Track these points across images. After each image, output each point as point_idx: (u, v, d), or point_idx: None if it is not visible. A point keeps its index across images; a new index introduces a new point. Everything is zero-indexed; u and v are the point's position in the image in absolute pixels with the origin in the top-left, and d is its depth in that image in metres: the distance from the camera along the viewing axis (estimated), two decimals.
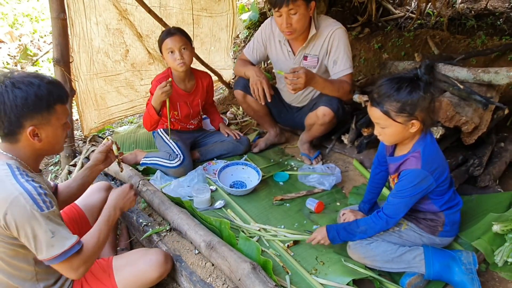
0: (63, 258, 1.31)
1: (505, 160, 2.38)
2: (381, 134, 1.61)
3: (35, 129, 1.33)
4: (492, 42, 3.34)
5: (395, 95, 1.48)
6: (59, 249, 1.29)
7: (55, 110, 1.36)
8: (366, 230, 1.68)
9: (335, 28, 2.37)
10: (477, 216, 2.00)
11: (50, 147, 1.43)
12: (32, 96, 1.29)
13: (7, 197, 1.24)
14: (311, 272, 1.76)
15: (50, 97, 1.33)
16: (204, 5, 3.35)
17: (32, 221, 1.25)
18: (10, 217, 1.24)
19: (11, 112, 1.28)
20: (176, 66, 2.41)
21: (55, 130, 1.39)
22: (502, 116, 2.44)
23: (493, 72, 2.28)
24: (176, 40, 2.37)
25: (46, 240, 1.27)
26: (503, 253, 1.76)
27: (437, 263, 1.63)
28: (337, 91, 2.35)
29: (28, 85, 1.30)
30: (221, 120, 2.89)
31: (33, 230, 1.25)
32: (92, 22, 2.69)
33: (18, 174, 1.30)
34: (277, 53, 2.56)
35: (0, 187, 1.26)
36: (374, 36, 3.99)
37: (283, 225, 2.09)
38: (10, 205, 1.23)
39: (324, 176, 2.43)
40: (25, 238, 1.27)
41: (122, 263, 1.57)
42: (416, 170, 1.55)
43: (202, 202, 2.21)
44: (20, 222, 1.24)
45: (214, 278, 1.71)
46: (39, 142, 1.37)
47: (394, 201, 1.62)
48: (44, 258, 1.30)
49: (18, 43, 5.11)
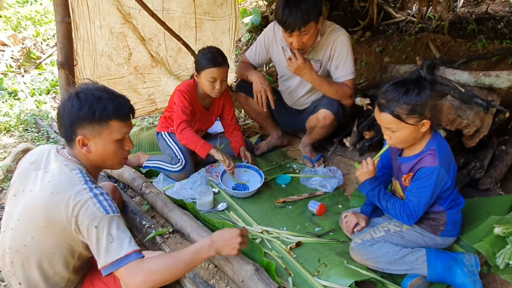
0: (117, 267, 1.27)
1: (506, 163, 2.39)
2: (392, 138, 1.61)
3: (84, 139, 1.38)
4: (492, 46, 3.35)
5: (404, 98, 1.50)
6: (114, 255, 1.27)
7: (108, 124, 1.38)
8: (388, 208, 1.69)
9: (338, 34, 2.39)
10: (479, 218, 2.01)
11: (101, 160, 1.45)
12: (86, 107, 1.35)
13: (80, 199, 1.28)
14: (313, 274, 1.76)
15: (105, 112, 1.36)
16: (206, 8, 3.37)
17: (97, 223, 1.27)
18: (81, 219, 1.28)
19: (67, 119, 1.36)
20: (211, 93, 2.43)
21: (106, 144, 1.41)
22: (503, 119, 2.45)
23: (494, 75, 2.29)
24: (222, 72, 2.36)
25: (105, 244, 1.28)
26: (504, 256, 1.76)
27: (440, 265, 1.64)
28: (335, 92, 2.36)
29: (88, 96, 1.36)
30: (242, 144, 2.69)
31: (97, 233, 1.27)
32: (96, 25, 2.71)
33: (88, 180, 1.36)
34: (280, 57, 2.58)
35: (73, 191, 1.30)
36: (375, 40, 4.01)
37: (286, 227, 2.10)
38: (82, 207, 1.28)
39: (326, 179, 2.44)
40: (91, 241, 1.29)
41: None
42: (435, 167, 1.55)
43: (205, 204, 2.22)
44: (89, 224, 1.27)
45: (217, 280, 1.72)
46: (89, 153, 1.41)
47: (415, 201, 1.61)
48: (102, 265, 1.28)
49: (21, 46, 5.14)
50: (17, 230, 1.35)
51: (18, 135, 3.30)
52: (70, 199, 1.28)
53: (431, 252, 1.68)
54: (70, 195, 1.29)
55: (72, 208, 1.28)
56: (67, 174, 1.34)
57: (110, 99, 1.38)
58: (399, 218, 1.67)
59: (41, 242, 1.33)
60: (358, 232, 1.91)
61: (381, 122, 1.60)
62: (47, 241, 1.33)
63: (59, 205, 1.29)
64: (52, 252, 1.35)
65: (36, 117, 3.47)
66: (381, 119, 1.59)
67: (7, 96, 3.98)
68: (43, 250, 1.35)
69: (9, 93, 4.04)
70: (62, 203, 1.28)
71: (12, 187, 1.44)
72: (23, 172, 1.43)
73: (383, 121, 1.58)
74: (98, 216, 1.27)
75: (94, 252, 1.31)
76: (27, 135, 3.29)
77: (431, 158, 1.57)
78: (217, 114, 2.71)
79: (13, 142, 3.18)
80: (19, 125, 3.41)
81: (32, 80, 4.40)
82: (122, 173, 2.41)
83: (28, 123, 3.44)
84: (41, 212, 1.30)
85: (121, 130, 1.42)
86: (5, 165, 2.71)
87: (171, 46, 3.29)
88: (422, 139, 1.62)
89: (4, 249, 1.38)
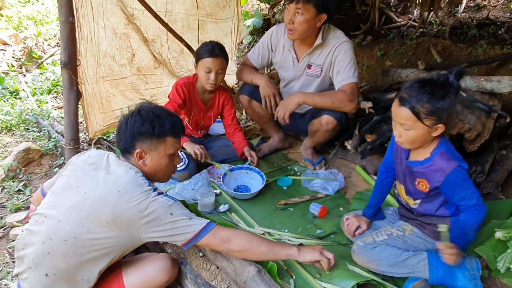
0: (206, 232, 1.49)
1: (507, 168, 2.40)
2: (402, 136, 1.57)
3: (142, 152, 1.54)
4: (493, 51, 3.37)
5: (428, 98, 1.47)
6: (199, 225, 1.49)
7: (165, 140, 1.56)
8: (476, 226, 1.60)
9: (341, 41, 2.38)
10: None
11: (153, 173, 1.59)
12: (147, 123, 1.52)
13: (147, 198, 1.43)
14: (315, 276, 1.76)
15: (162, 128, 1.54)
16: (209, 11, 3.39)
17: (171, 209, 1.45)
18: (151, 216, 1.42)
19: (128, 133, 1.54)
20: (206, 84, 2.44)
21: (160, 158, 1.57)
22: (504, 124, 2.47)
23: (496, 80, 2.31)
24: (217, 63, 2.37)
25: (184, 222, 1.47)
26: (505, 260, 1.77)
27: (441, 269, 1.65)
28: (331, 102, 2.31)
29: (148, 114, 1.54)
30: (246, 144, 2.68)
31: (174, 217, 1.45)
32: (100, 26, 2.72)
33: (149, 183, 1.51)
34: (282, 59, 2.59)
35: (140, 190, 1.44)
36: (376, 44, 4.03)
37: (287, 229, 2.11)
38: (150, 203, 1.42)
39: (328, 182, 2.45)
40: (165, 231, 1.46)
41: (131, 267, 1.59)
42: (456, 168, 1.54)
43: (206, 205, 2.23)
44: (162, 215, 1.44)
45: (219, 281, 1.72)
46: (144, 166, 1.56)
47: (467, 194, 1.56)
48: (188, 238, 1.48)
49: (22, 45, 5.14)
50: (67, 223, 1.41)
51: (19, 134, 3.30)
52: (139, 197, 1.42)
53: (433, 255, 1.68)
54: (139, 193, 1.43)
55: (141, 205, 1.41)
56: (133, 176, 1.48)
57: (167, 118, 1.56)
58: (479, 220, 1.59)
59: (95, 236, 1.41)
60: (360, 235, 1.92)
61: (398, 116, 1.55)
62: (103, 235, 1.41)
63: (128, 203, 1.41)
64: (97, 248, 1.42)
65: (37, 117, 3.46)
66: (398, 113, 1.55)
67: (8, 95, 3.98)
68: (92, 244, 1.41)
69: (11, 92, 4.03)
70: (131, 201, 1.41)
71: (61, 181, 1.52)
72: (80, 170, 1.53)
73: (400, 115, 1.54)
74: (170, 205, 1.45)
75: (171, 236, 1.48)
76: (28, 134, 3.28)
77: (446, 162, 1.55)
78: (216, 112, 2.70)
79: (14, 142, 3.17)
80: (20, 124, 3.41)
81: (34, 80, 4.40)
82: None
83: (29, 122, 3.44)
84: (107, 209, 1.40)
85: (174, 146, 1.60)
86: (6, 164, 2.71)
87: (173, 48, 3.29)
88: (430, 144, 1.60)
89: (42, 238, 1.41)
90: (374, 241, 1.73)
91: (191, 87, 2.53)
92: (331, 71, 2.43)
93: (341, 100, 2.30)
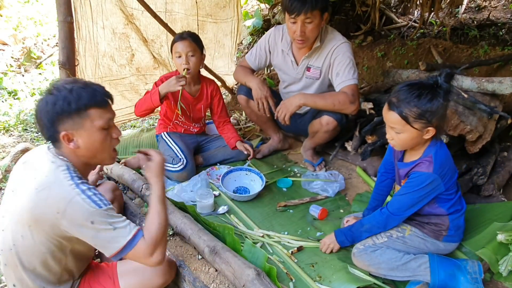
0: (129, 248, 1.31)
1: (509, 170, 2.38)
2: (394, 139, 1.60)
3: (68, 134, 1.33)
4: (494, 52, 3.36)
5: (415, 102, 1.48)
6: (123, 240, 1.30)
7: (87, 114, 1.33)
8: (371, 228, 1.72)
9: (339, 42, 2.35)
10: (481, 225, 2.00)
11: (92, 154, 1.39)
12: (60, 101, 1.30)
13: (66, 197, 1.25)
14: (315, 279, 1.75)
15: (80, 101, 1.31)
16: (209, 11, 3.37)
17: (92, 217, 1.26)
18: (70, 218, 1.25)
19: (45, 117, 1.31)
20: (182, 71, 2.42)
21: (91, 134, 1.35)
22: (506, 126, 2.45)
23: (497, 81, 2.29)
24: (185, 45, 2.37)
25: (108, 235, 1.29)
26: (507, 263, 1.75)
27: (443, 272, 1.63)
28: (332, 104, 2.28)
29: (60, 91, 1.31)
30: (238, 138, 2.71)
31: (95, 227, 1.27)
32: (99, 26, 2.70)
33: (75, 176, 1.31)
34: (280, 62, 2.57)
35: (58, 188, 1.27)
36: (377, 45, 4.02)
37: (287, 231, 2.08)
38: (69, 204, 1.25)
39: (328, 183, 2.43)
40: (87, 237, 1.29)
41: (127, 269, 1.56)
42: (427, 173, 1.57)
43: (205, 207, 2.20)
44: (81, 221, 1.26)
45: (217, 284, 1.70)
46: (77, 148, 1.35)
47: (399, 198, 1.65)
48: (112, 253, 1.31)
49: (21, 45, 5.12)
50: (7, 231, 1.33)
51: (18, 135, 3.28)
52: (57, 197, 1.26)
53: (434, 258, 1.67)
54: (56, 192, 1.27)
55: (59, 205, 1.25)
56: (53, 170, 1.31)
57: (83, 88, 1.33)
58: (382, 224, 1.70)
59: (30, 241, 1.31)
60: None
61: (388, 120, 1.58)
62: (37, 239, 1.31)
63: (45, 202, 1.26)
64: (42, 251, 1.33)
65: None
66: (388, 118, 1.57)
67: (6, 95, 3.96)
68: (33, 248, 1.33)
69: (9, 92, 4.02)
70: (48, 200, 1.26)
71: (6, 189, 1.43)
72: (15, 172, 1.42)
73: (389, 119, 1.56)
74: (92, 212, 1.26)
75: (95, 245, 1.31)
76: (27, 135, 3.27)
77: (426, 165, 1.58)
78: (205, 103, 2.68)
79: (12, 142, 3.16)
80: (18, 124, 3.39)
81: (32, 80, 4.39)
82: (122, 174, 2.39)
83: (27, 123, 3.42)
84: (27, 210, 1.28)
85: (102, 117, 1.36)
86: (3, 165, 2.69)
87: None
88: (423, 146, 1.62)
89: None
90: (374, 244, 1.72)
91: None
92: (330, 73, 2.40)
93: (342, 102, 2.27)
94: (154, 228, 1.39)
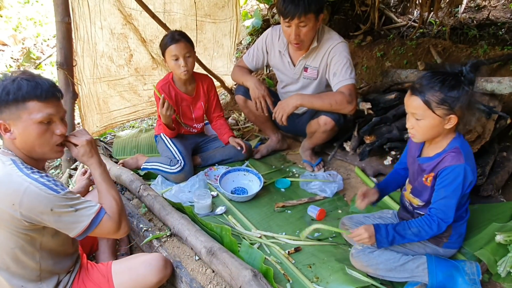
0: (94, 226, 1.38)
1: (508, 170, 2.37)
2: (414, 127, 1.54)
3: (5, 124, 1.32)
4: (494, 52, 3.35)
5: (438, 87, 1.45)
6: (87, 219, 1.36)
7: (25, 106, 1.31)
8: (419, 232, 1.56)
9: (336, 42, 2.34)
10: (480, 225, 1.99)
11: (28, 146, 1.36)
12: (0, 89, 1.30)
13: (19, 189, 1.26)
14: (312, 280, 1.74)
15: (19, 92, 1.30)
16: (208, 11, 3.37)
17: (51, 204, 1.28)
18: (27, 207, 1.26)
19: None
20: (180, 73, 2.42)
21: (27, 127, 1.32)
22: (505, 126, 2.44)
23: (496, 81, 2.29)
24: (181, 47, 2.36)
25: (71, 217, 1.33)
26: (506, 264, 1.74)
27: (440, 273, 1.62)
28: (329, 105, 2.27)
29: (4, 80, 1.32)
30: (230, 134, 2.74)
31: (55, 212, 1.29)
32: (97, 26, 2.70)
33: (23, 168, 1.32)
34: (278, 62, 2.57)
35: (8, 181, 1.28)
36: (376, 44, 4.01)
37: (285, 232, 2.08)
38: (24, 195, 1.25)
39: (326, 183, 2.42)
40: (49, 223, 1.31)
41: (122, 268, 1.56)
42: (460, 165, 1.50)
43: (203, 207, 2.20)
44: (40, 209, 1.27)
45: (214, 285, 1.69)
46: (13, 139, 1.34)
47: (443, 203, 1.53)
48: (78, 233, 1.36)
49: (21, 46, 5.13)
50: None
51: None
52: (8, 190, 1.26)
53: (432, 259, 1.66)
54: (7, 186, 1.27)
55: (13, 199, 1.25)
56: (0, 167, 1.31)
57: (26, 80, 1.32)
58: (433, 232, 1.55)
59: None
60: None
61: (409, 106, 1.53)
62: (1, 235, 1.31)
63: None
64: (10, 246, 1.33)
65: None
66: (409, 103, 1.53)
67: None
68: (1, 248, 1.33)
69: None
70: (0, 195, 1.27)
71: None
72: None
73: (411, 105, 1.52)
74: (50, 198, 1.28)
75: (59, 228, 1.34)
76: None
77: (455, 157, 1.51)
78: (204, 100, 2.69)
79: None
80: None
81: None
82: (120, 175, 2.39)
83: None
84: None
85: (41, 111, 1.32)
86: None
87: None
88: (445, 138, 1.56)
89: None
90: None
91: (170, 86, 2.53)
92: (327, 73, 2.40)
93: (339, 102, 2.26)
94: (113, 204, 1.49)
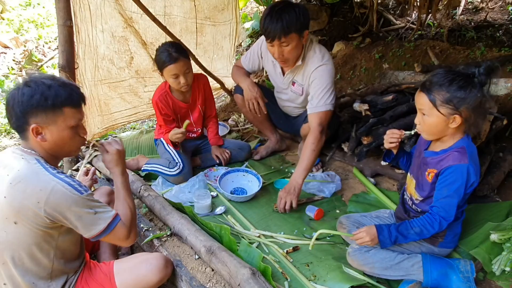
0: (109, 230, 1.44)
1: (504, 170, 2.39)
2: (421, 123, 1.57)
3: (38, 128, 1.37)
4: (491, 54, 3.38)
5: (446, 86, 1.46)
6: (104, 222, 1.42)
7: (62, 111, 1.39)
8: (421, 231, 1.57)
9: (318, 65, 2.28)
10: (475, 225, 2.02)
11: (58, 148, 1.45)
12: (38, 95, 1.35)
13: (46, 187, 1.31)
14: (310, 278, 1.77)
15: (57, 98, 1.37)
16: (207, 14, 3.40)
17: (75, 204, 1.34)
18: (52, 205, 1.31)
19: (18, 107, 1.36)
20: (180, 88, 2.44)
21: (61, 131, 1.41)
22: (501, 127, 2.46)
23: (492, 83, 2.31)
24: (181, 66, 2.34)
25: (90, 218, 1.39)
26: (500, 262, 1.77)
27: (435, 271, 1.65)
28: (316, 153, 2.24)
29: (38, 85, 1.37)
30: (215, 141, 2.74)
31: (77, 212, 1.35)
32: (98, 29, 2.73)
33: (48, 167, 1.38)
34: (270, 69, 2.58)
35: (36, 179, 1.33)
36: (375, 46, 4.04)
37: (283, 231, 2.11)
38: (51, 194, 1.31)
39: (324, 184, 2.45)
40: (70, 222, 1.37)
41: (123, 267, 1.59)
42: (464, 165, 1.50)
43: (203, 208, 2.23)
44: (64, 208, 1.33)
45: (213, 283, 1.72)
46: (44, 141, 1.40)
47: (445, 202, 1.54)
48: (93, 234, 1.41)
49: (23, 48, 5.17)
50: None
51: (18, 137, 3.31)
52: (36, 188, 1.31)
53: (427, 258, 1.69)
54: (34, 184, 1.31)
55: (40, 197, 1.30)
56: (25, 165, 1.35)
57: (61, 87, 1.40)
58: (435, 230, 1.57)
59: (15, 234, 1.35)
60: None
61: (417, 102, 1.56)
62: (21, 230, 1.35)
63: (23, 194, 1.30)
64: (28, 242, 1.37)
65: None
66: (417, 99, 1.55)
67: None
68: (19, 241, 1.36)
69: None
70: (26, 191, 1.31)
71: None
72: None
73: (418, 101, 1.55)
74: (75, 198, 1.34)
75: (76, 227, 1.39)
76: None
77: (460, 156, 1.51)
78: (202, 100, 2.69)
79: (13, 144, 3.20)
80: None
81: None
82: None
83: None
84: (6, 205, 1.32)
85: (75, 117, 1.43)
86: None
87: None
88: (451, 137, 1.57)
89: None
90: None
91: (167, 96, 2.53)
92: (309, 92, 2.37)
93: (317, 142, 2.24)
94: (127, 212, 1.55)
